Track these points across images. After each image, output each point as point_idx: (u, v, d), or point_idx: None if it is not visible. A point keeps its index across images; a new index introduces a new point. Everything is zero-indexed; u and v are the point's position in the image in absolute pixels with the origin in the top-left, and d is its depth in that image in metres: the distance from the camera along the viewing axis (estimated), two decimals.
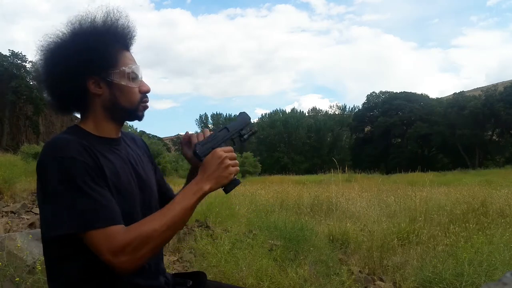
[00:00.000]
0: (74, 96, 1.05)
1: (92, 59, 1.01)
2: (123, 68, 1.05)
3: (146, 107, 1.11)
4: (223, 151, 1.05)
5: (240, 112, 1.23)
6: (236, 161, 1.07)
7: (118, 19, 1.08)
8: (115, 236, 0.90)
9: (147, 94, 1.11)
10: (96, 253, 0.91)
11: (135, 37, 1.12)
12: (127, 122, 1.21)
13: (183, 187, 1.12)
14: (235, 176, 1.07)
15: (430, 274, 2.88)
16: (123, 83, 1.05)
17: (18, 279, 2.36)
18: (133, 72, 1.07)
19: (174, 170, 31.61)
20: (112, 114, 1.08)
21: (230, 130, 1.17)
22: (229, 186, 1.06)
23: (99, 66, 1.03)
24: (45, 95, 1.09)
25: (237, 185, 1.08)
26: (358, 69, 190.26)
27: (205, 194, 1.01)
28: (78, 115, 1.13)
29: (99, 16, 1.06)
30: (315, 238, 3.94)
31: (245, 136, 1.19)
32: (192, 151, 1.11)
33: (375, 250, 3.78)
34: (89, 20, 1.05)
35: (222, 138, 1.14)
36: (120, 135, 1.14)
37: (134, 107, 1.08)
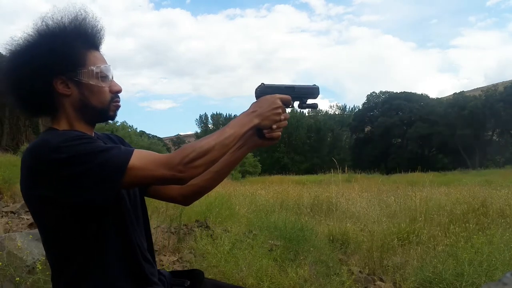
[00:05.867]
0: (42, 98, 1.03)
1: (58, 59, 1.01)
2: (92, 67, 1.04)
3: (118, 106, 1.11)
4: (281, 99, 1.10)
5: (315, 84, 1.22)
6: (286, 115, 1.12)
7: (85, 19, 1.06)
8: (161, 156, 0.96)
9: (118, 94, 1.10)
10: (149, 178, 0.95)
11: (104, 37, 1.11)
12: (126, 122, 1.19)
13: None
14: (276, 138, 1.14)
15: (430, 274, 2.88)
16: (92, 82, 1.04)
17: (18, 279, 2.37)
18: (102, 71, 1.05)
19: None
20: (84, 115, 1.07)
21: (295, 91, 1.17)
22: (265, 135, 1.13)
23: (66, 66, 1.02)
24: (11, 98, 1.06)
25: (272, 143, 1.15)
26: (358, 69, 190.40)
27: (254, 127, 1.06)
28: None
29: (66, 16, 1.05)
30: (315, 238, 3.94)
31: (305, 105, 1.20)
32: (255, 89, 1.16)
33: (375, 250, 3.78)
34: (56, 20, 1.04)
35: (284, 93, 1.14)
36: (94, 136, 1.12)
37: (105, 107, 1.07)
